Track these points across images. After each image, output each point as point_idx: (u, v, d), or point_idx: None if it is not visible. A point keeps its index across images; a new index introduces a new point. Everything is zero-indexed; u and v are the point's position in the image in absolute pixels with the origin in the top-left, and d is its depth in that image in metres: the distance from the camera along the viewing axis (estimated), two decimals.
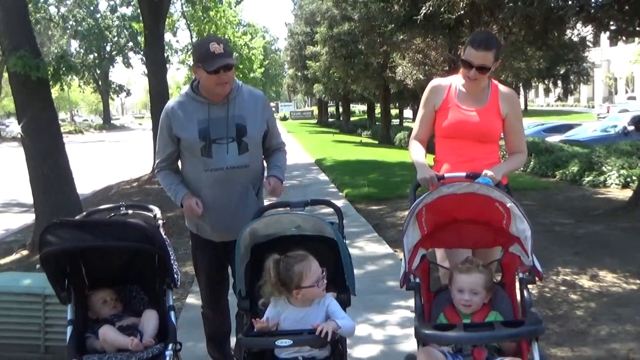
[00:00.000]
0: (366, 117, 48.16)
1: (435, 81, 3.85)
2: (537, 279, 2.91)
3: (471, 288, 2.94)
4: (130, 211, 3.75)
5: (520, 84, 32.82)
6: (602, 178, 12.61)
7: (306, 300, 2.91)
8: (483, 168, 3.48)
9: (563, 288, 5.72)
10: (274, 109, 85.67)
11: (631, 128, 19.84)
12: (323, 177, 15.83)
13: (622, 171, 12.38)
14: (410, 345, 4.10)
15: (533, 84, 38.27)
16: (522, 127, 3.85)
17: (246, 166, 3.55)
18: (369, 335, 4.75)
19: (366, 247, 7.63)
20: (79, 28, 58.15)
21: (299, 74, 46.06)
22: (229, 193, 3.53)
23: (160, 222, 3.58)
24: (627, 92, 54.51)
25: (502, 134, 3.79)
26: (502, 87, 3.75)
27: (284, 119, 73.42)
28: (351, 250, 7.14)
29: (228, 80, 3.42)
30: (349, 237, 7.82)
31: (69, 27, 58.28)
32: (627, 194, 10.46)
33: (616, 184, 12.26)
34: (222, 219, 3.54)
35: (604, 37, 11.09)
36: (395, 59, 21.53)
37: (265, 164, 3.82)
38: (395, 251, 7.20)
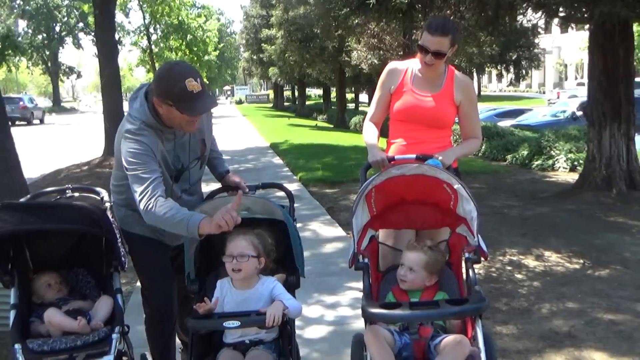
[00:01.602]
0: (322, 101, 48.14)
1: (392, 64, 3.86)
2: (482, 258, 2.97)
3: (409, 264, 3.01)
4: (76, 194, 3.67)
5: (474, 69, 33.23)
6: (550, 162, 12.94)
7: (244, 282, 2.92)
8: (433, 151, 3.52)
9: (509, 268, 5.87)
10: (229, 92, 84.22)
11: (580, 113, 20.27)
12: (277, 160, 15.79)
13: (569, 155, 12.71)
14: (361, 325, 4.14)
15: (486, 69, 38.78)
16: (477, 113, 3.88)
17: (202, 176, 3.48)
18: (320, 317, 4.80)
19: (319, 230, 7.67)
20: (27, 7, 56.44)
21: (255, 57, 45.59)
22: (190, 205, 3.24)
23: (107, 204, 3.51)
24: (576, 78, 55.77)
25: (456, 119, 3.83)
26: (458, 74, 3.76)
27: (240, 102, 72.81)
28: (304, 233, 7.23)
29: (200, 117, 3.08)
30: (302, 219, 7.88)
31: (16, 6, 56.50)
32: (574, 177, 10.74)
33: (564, 168, 12.60)
34: None
35: (555, 23, 11.32)
36: (350, 43, 21.53)
37: None
38: (347, 234, 7.26)
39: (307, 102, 52.11)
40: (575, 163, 12.33)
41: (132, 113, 3.07)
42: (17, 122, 35.54)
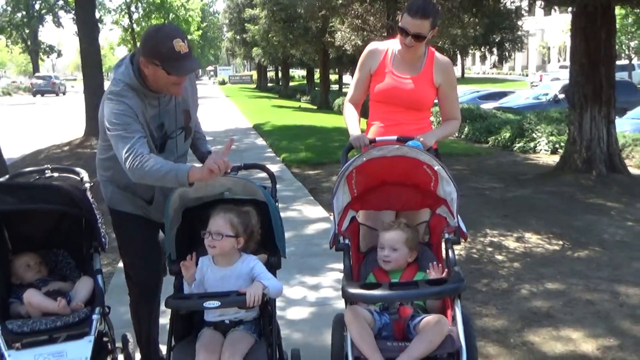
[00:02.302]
0: (305, 82, 47.97)
1: (373, 45, 3.84)
2: (462, 239, 2.99)
3: (390, 244, 3.02)
4: (56, 174, 3.65)
5: (458, 51, 33.25)
6: (532, 144, 13.04)
7: (225, 259, 2.93)
8: (412, 133, 3.52)
9: (490, 249, 5.92)
10: (212, 72, 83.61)
11: (562, 96, 20.39)
12: (261, 141, 15.75)
13: (551, 138, 12.82)
14: (342, 305, 4.17)
15: (470, 51, 38.84)
16: (456, 95, 3.88)
17: (187, 150, 3.43)
18: (302, 297, 4.83)
19: (301, 211, 7.67)
20: None
21: (238, 37, 45.27)
22: None
23: (87, 185, 3.49)
24: (559, 60, 55.98)
25: (435, 100, 3.83)
26: (438, 56, 3.74)
27: (223, 83, 72.26)
28: (286, 214, 7.25)
29: (185, 79, 3.09)
30: (285, 201, 7.88)
31: None
32: (555, 159, 10.85)
33: (545, 150, 12.71)
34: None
35: (539, 6, 11.35)
36: (334, 24, 21.46)
37: None
38: (330, 215, 7.27)
39: (291, 83, 51.86)
40: (557, 145, 12.44)
41: (116, 77, 3.04)
42: (45, 94, 48.96)
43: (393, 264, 3.02)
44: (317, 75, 41.85)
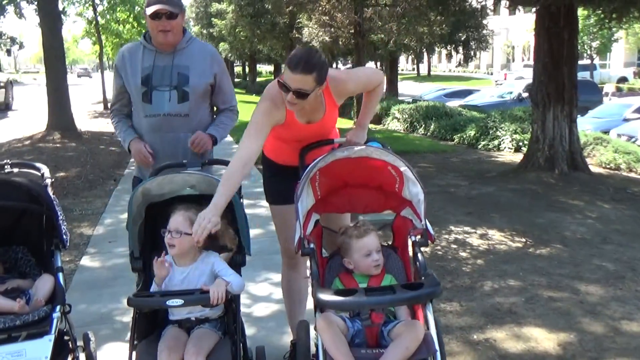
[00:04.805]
0: (273, 77, 47.81)
1: (273, 98, 3.23)
2: (429, 241, 2.95)
3: (376, 247, 2.95)
4: (16, 169, 3.56)
5: (424, 49, 33.51)
6: (496, 142, 13.20)
7: (186, 258, 2.92)
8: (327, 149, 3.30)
9: (454, 246, 5.98)
10: None
11: (525, 95, 20.72)
12: (227, 138, 15.59)
13: (515, 136, 13.01)
14: (308, 303, 4.17)
15: (436, 49, 39.12)
16: (361, 73, 3.50)
17: (186, 115, 3.57)
18: (268, 295, 4.81)
19: (268, 208, 7.61)
20: None
21: (205, 31, 44.86)
22: (166, 140, 3.57)
23: (48, 180, 3.42)
24: (523, 60, 56.73)
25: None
26: (330, 83, 3.15)
27: None
28: (254, 211, 7.21)
29: (171, 29, 3.46)
30: (252, 197, 7.85)
31: None
32: (519, 157, 11.00)
33: (509, 148, 12.90)
34: (159, 165, 3.47)
35: (504, 5, 11.50)
36: (302, 19, 21.43)
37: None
38: None
39: (258, 79, 51.61)
40: (520, 144, 12.62)
41: None
42: (82, 76, 56.51)
43: (381, 264, 2.97)
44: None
